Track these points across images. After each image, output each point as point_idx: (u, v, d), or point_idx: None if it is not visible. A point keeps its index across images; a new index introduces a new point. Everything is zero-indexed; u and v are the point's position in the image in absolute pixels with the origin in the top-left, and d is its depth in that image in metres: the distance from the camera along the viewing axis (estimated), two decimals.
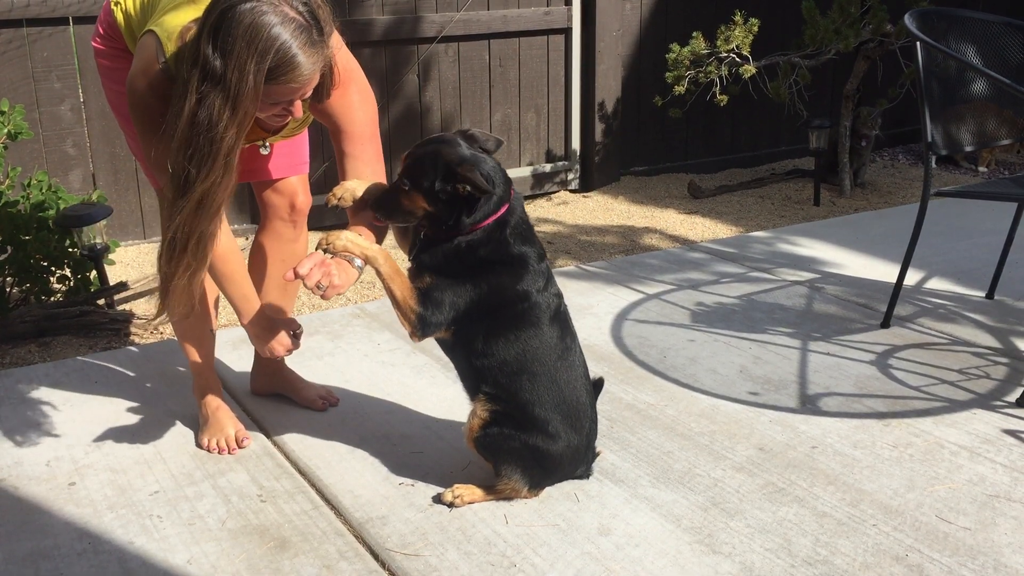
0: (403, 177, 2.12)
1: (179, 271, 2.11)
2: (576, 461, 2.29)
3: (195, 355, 2.59)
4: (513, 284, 2.15)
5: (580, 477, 2.34)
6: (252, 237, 2.67)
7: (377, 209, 2.18)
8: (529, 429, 2.18)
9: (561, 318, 2.24)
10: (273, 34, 1.92)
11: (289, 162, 2.61)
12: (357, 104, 2.29)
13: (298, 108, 2.10)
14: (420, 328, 2.13)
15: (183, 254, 2.09)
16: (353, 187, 2.23)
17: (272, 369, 2.80)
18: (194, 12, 2.06)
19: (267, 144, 2.46)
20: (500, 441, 2.18)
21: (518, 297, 2.16)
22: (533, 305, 2.17)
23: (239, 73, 1.91)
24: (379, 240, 2.24)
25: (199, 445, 2.54)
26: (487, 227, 2.11)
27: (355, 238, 2.13)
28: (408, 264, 2.23)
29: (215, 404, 2.58)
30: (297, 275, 2.08)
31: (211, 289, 2.58)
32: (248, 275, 2.40)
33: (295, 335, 2.36)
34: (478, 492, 2.26)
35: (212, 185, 2.01)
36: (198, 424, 2.60)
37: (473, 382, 2.22)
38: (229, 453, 2.51)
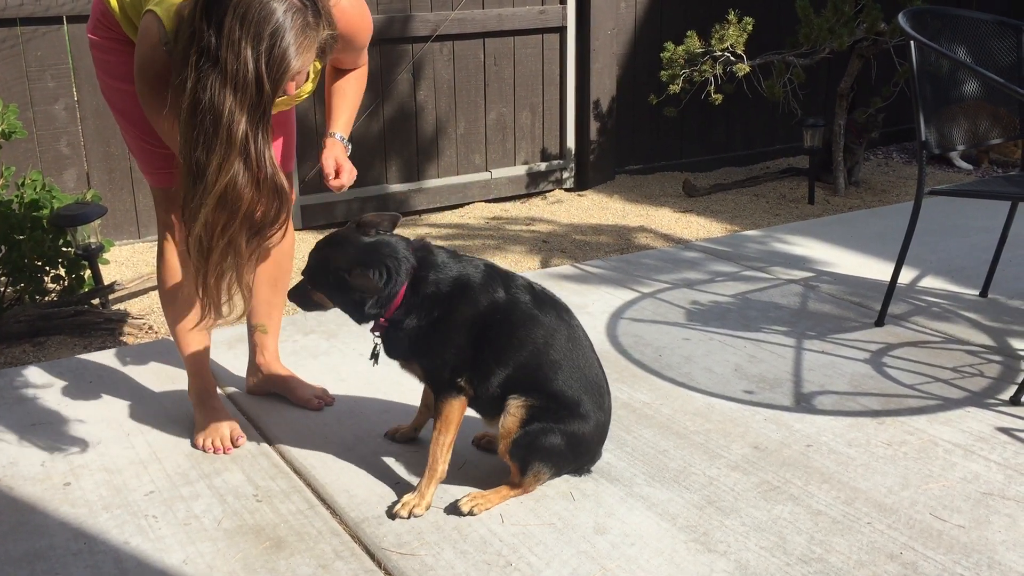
0: (305, 278, 2.24)
1: (211, 270, 2.04)
2: (601, 440, 2.31)
3: (190, 354, 2.59)
4: (473, 310, 2.18)
5: (574, 473, 2.34)
6: None
7: (292, 298, 2.31)
8: (565, 417, 2.19)
9: (545, 298, 2.26)
10: (265, 14, 1.87)
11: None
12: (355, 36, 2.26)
13: (291, 88, 2.07)
14: (448, 393, 2.20)
15: (211, 254, 2.02)
16: None
17: (268, 369, 2.80)
18: None
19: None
20: (540, 437, 2.17)
21: (487, 313, 2.18)
22: (509, 307, 2.19)
23: (235, 54, 1.86)
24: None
25: (194, 445, 2.54)
26: (405, 297, 2.16)
27: (432, 495, 2.22)
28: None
29: (210, 404, 2.58)
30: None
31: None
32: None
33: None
34: (494, 496, 2.23)
35: (233, 178, 1.93)
36: (193, 424, 2.60)
37: (500, 400, 2.21)
38: (224, 453, 2.50)
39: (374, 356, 2.31)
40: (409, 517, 2.19)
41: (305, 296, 2.27)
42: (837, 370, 2.94)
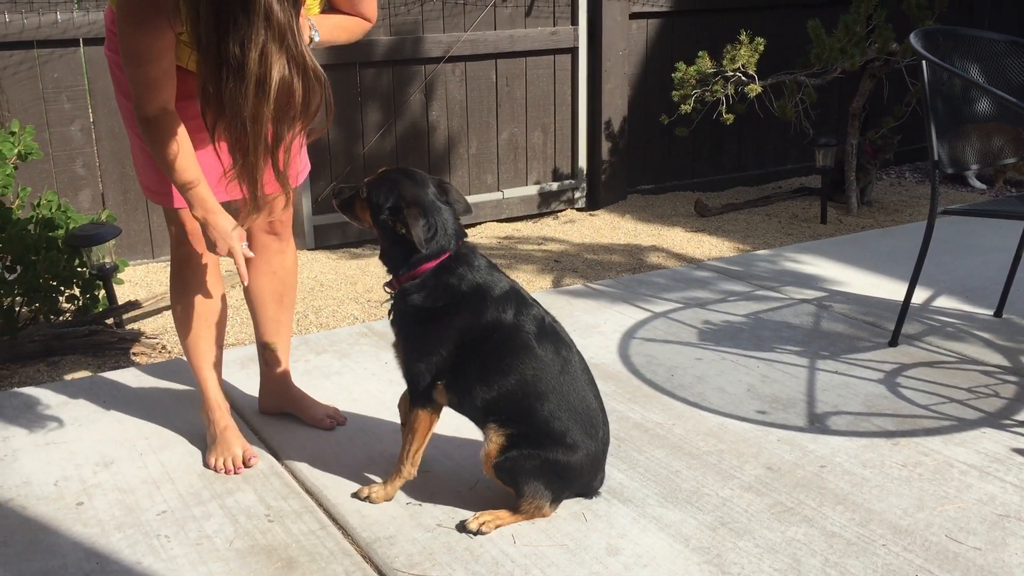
0: (366, 186, 2.24)
1: (257, 165, 2.01)
2: (595, 468, 2.29)
3: (204, 375, 2.59)
4: (476, 319, 2.19)
5: (585, 495, 2.34)
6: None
7: (336, 196, 2.31)
8: (548, 446, 2.18)
9: (549, 332, 2.26)
10: None
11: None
12: None
13: None
14: (420, 403, 2.27)
15: (256, 148, 1.98)
16: None
17: (280, 388, 2.81)
18: None
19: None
20: (521, 462, 2.17)
21: (489, 329, 2.19)
22: (511, 331, 2.20)
23: None
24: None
25: (206, 465, 2.54)
26: (425, 273, 2.19)
27: (394, 489, 2.34)
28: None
29: (223, 423, 2.58)
30: None
31: (220, 310, 2.59)
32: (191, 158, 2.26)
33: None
34: (504, 515, 2.23)
35: (275, 67, 1.88)
36: (206, 444, 2.60)
37: (483, 418, 2.23)
38: (236, 473, 2.51)
39: (392, 314, 2.32)
40: (366, 500, 2.33)
41: (352, 202, 2.27)
42: (851, 390, 2.93)
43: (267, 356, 2.78)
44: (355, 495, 2.35)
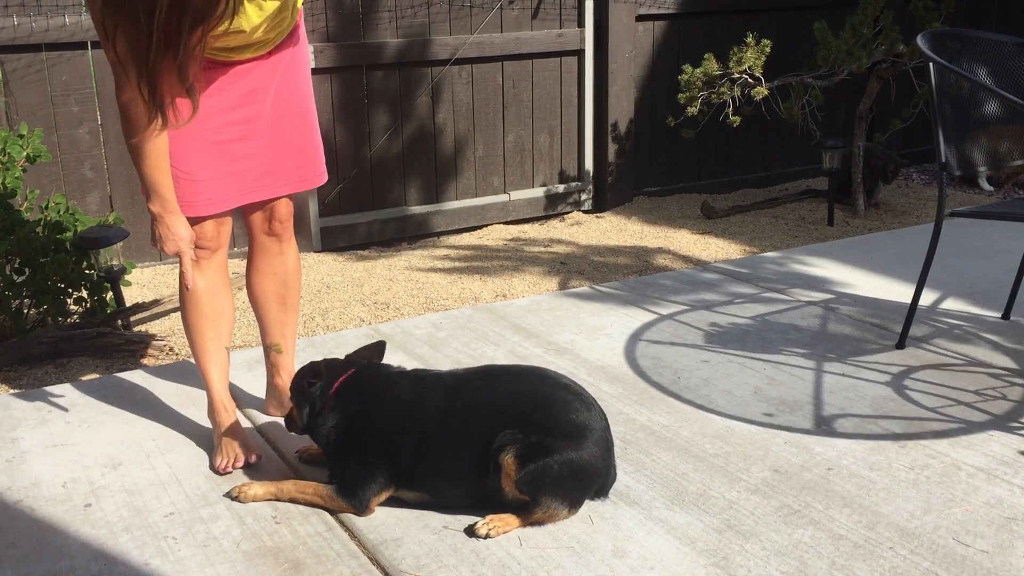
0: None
1: (156, 71, 2.02)
2: (606, 454, 2.27)
3: (210, 376, 2.60)
4: (381, 415, 2.30)
5: (592, 496, 2.33)
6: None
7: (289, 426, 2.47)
8: (553, 447, 2.17)
9: (465, 377, 2.36)
10: None
11: (300, 176, 2.61)
12: None
13: None
14: (362, 510, 2.30)
15: (156, 56, 2.00)
16: None
17: (286, 390, 2.81)
18: None
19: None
20: (539, 473, 2.16)
21: (401, 412, 2.29)
22: (416, 405, 2.29)
23: None
24: None
25: (213, 467, 2.55)
26: (331, 399, 2.34)
27: (264, 491, 2.38)
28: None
29: (230, 426, 2.59)
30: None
31: (226, 311, 2.60)
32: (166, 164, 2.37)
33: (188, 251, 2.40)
34: (514, 521, 2.22)
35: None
36: (213, 445, 2.61)
37: (488, 458, 2.23)
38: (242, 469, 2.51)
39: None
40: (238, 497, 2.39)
41: (292, 421, 2.44)
42: (858, 393, 2.92)
43: (273, 358, 2.79)
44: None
